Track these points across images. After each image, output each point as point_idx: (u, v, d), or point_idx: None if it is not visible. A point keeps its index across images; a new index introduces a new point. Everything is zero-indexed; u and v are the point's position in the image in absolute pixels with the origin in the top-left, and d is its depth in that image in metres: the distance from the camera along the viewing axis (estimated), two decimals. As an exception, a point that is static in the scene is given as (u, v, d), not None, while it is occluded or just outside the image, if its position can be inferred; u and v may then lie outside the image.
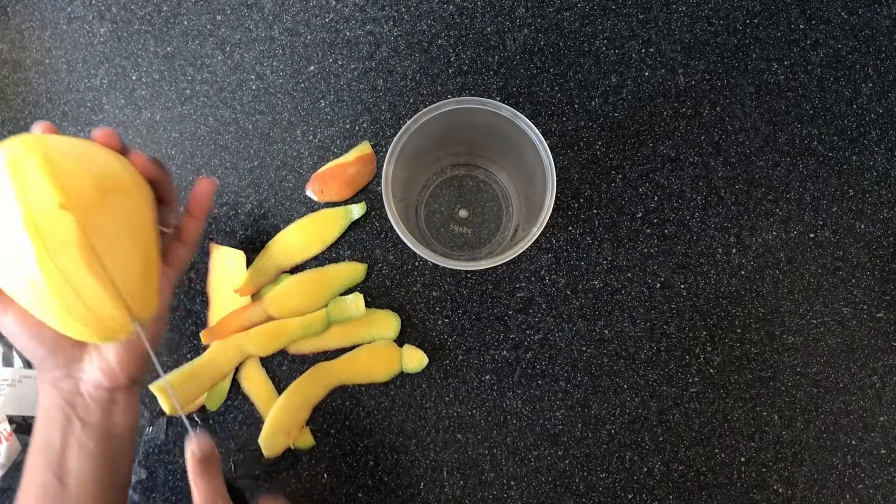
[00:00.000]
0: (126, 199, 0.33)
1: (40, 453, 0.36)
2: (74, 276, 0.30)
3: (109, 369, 0.36)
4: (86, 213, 0.30)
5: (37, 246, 0.29)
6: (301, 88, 0.55)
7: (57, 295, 0.30)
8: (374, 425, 0.51)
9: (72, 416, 0.36)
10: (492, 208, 0.53)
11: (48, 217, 0.29)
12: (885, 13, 0.55)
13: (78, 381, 0.37)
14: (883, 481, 0.49)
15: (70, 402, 0.36)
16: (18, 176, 0.30)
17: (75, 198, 0.30)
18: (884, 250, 0.52)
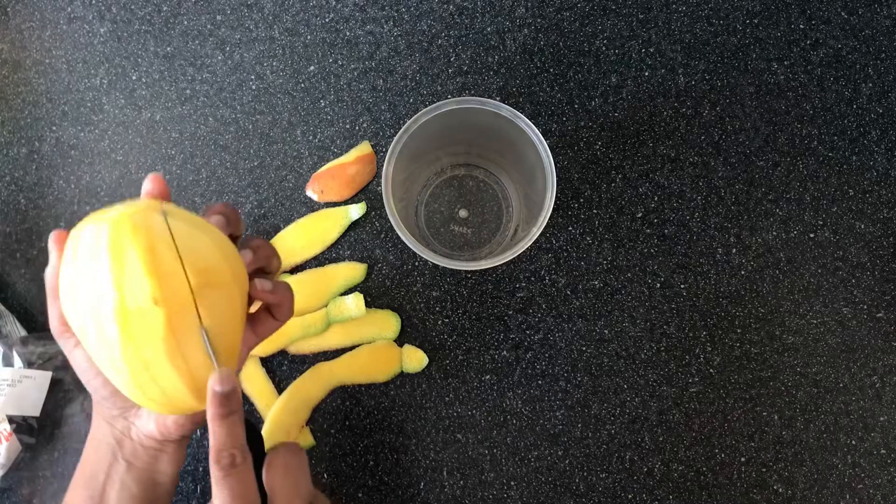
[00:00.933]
0: (222, 294, 0.32)
1: (84, 485, 0.37)
2: (154, 367, 0.30)
3: (164, 426, 0.36)
4: (178, 310, 0.30)
5: (122, 336, 0.29)
6: (301, 88, 0.55)
7: (135, 378, 0.30)
8: (374, 425, 0.51)
9: (118, 455, 0.36)
10: (492, 208, 0.53)
11: (139, 309, 0.29)
12: (885, 13, 0.55)
13: (131, 425, 0.37)
14: (883, 481, 0.49)
15: (119, 441, 0.37)
16: (117, 261, 0.29)
17: (170, 294, 0.30)
18: (884, 250, 0.52)
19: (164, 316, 0.29)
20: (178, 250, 0.31)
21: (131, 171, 0.55)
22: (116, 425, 0.37)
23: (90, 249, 0.30)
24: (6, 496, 0.50)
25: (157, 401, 0.31)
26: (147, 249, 0.30)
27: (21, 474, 0.50)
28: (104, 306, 0.29)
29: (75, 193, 0.55)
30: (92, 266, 0.30)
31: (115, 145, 0.55)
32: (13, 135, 0.56)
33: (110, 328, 0.29)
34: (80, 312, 0.30)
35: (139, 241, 0.30)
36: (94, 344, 0.31)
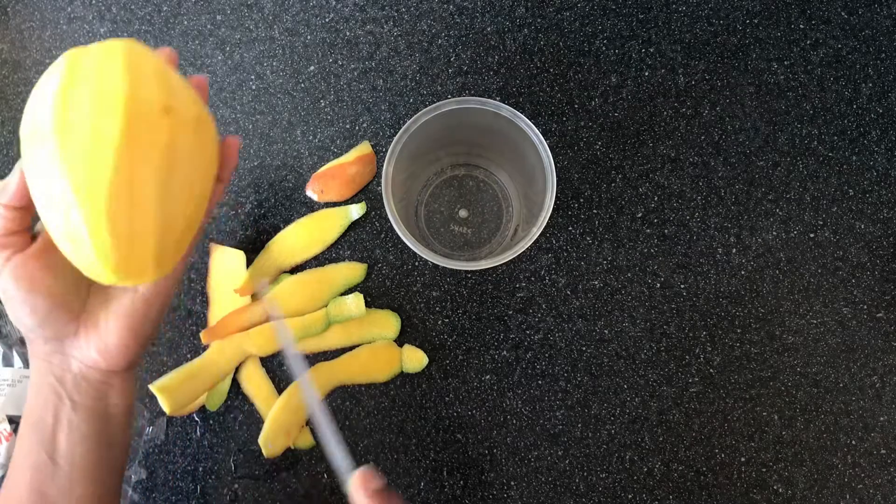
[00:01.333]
0: (207, 133, 0.31)
1: (32, 430, 0.34)
2: (139, 190, 0.27)
3: (107, 351, 0.34)
4: (181, 130, 0.28)
5: (121, 137, 0.27)
6: (301, 88, 0.55)
7: (111, 202, 0.27)
8: (374, 425, 0.51)
9: (62, 395, 0.34)
10: (492, 208, 0.53)
11: (147, 118, 0.27)
12: (885, 13, 0.55)
13: (69, 358, 0.34)
14: (883, 481, 0.49)
15: (60, 379, 0.34)
16: (134, 66, 0.28)
17: (178, 110, 0.28)
18: (884, 250, 0.52)
19: (169, 128, 0.28)
20: (180, 78, 0.30)
21: (131, 171, 0.55)
22: (54, 361, 0.34)
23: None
24: (6, 496, 0.50)
25: (113, 244, 0.28)
26: (162, 65, 0.30)
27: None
28: (107, 106, 0.27)
29: (75, 193, 0.55)
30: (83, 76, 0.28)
31: (115, 145, 0.55)
32: (13, 135, 0.56)
33: (108, 130, 0.27)
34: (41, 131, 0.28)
35: (155, 58, 0.29)
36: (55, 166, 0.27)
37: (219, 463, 0.51)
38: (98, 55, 0.29)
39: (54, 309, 0.33)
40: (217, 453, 0.51)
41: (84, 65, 0.29)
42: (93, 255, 0.28)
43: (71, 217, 0.27)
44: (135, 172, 0.28)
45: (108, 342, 0.34)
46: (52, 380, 0.34)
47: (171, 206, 0.29)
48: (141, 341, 0.35)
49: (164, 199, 0.29)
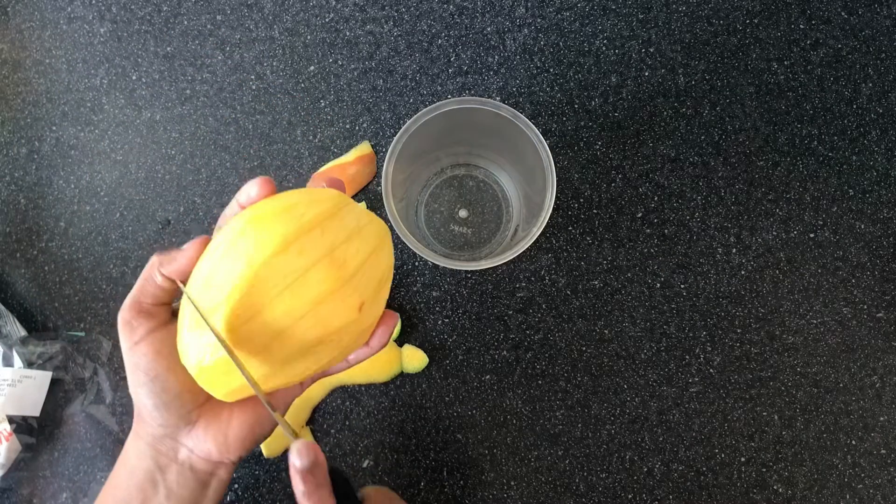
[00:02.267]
0: (369, 328, 0.31)
1: None
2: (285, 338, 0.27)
3: (224, 443, 0.32)
4: (355, 328, 0.29)
5: (318, 296, 0.27)
6: (301, 88, 0.55)
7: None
8: (374, 425, 0.51)
9: (159, 484, 0.32)
10: (492, 208, 0.53)
11: (345, 301, 0.28)
12: (885, 13, 0.55)
13: (180, 446, 0.32)
14: (883, 481, 0.49)
15: (161, 466, 0.32)
16: (382, 252, 0.30)
17: (366, 312, 0.29)
18: (884, 250, 0.52)
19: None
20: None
21: (131, 171, 0.55)
22: (161, 448, 0.32)
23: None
24: (6, 496, 0.50)
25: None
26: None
27: (21, 474, 0.50)
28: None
29: (75, 193, 0.55)
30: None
31: (115, 145, 0.55)
32: (13, 135, 0.56)
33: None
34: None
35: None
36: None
37: (219, 463, 0.51)
38: (367, 222, 0.30)
39: (184, 393, 0.31)
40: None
41: (349, 215, 0.30)
42: (204, 347, 0.28)
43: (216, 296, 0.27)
44: (297, 324, 0.27)
45: (227, 435, 0.32)
46: (150, 465, 0.32)
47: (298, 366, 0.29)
48: (257, 438, 0.33)
49: (297, 357, 0.28)
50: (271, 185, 0.31)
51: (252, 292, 0.26)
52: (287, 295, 0.27)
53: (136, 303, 0.30)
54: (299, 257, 0.27)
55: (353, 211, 0.30)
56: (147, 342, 0.30)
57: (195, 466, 0.32)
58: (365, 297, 0.28)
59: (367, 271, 0.29)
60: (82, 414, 0.51)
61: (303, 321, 0.27)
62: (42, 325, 0.53)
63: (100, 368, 0.51)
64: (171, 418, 0.31)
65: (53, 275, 0.54)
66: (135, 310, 0.30)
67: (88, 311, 0.53)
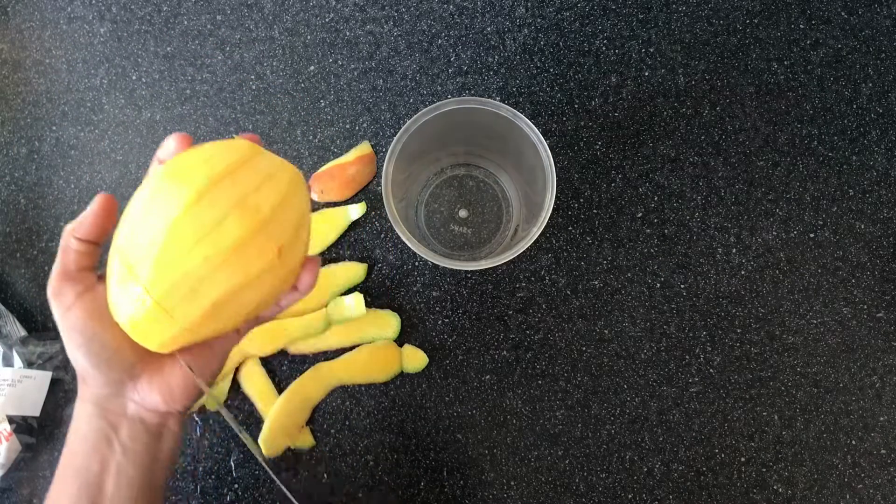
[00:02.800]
0: (294, 265, 0.33)
1: (74, 477, 0.33)
2: (208, 281, 0.29)
3: (169, 393, 0.33)
4: (278, 271, 0.30)
5: (233, 242, 0.28)
6: (301, 88, 0.55)
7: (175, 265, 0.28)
8: (374, 425, 0.51)
9: (113, 441, 0.33)
10: (492, 208, 0.53)
11: (262, 244, 0.29)
12: (885, 13, 0.55)
13: (126, 401, 0.33)
14: (883, 481, 0.49)
15: (114, 425, 0.33)
16: (292, 193, 0.31)
17: (286, 257, 0.30)
18: (884, 250, 0.52)
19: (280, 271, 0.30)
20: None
21: (131, 171, 0.55)
22: (108, 406, 0.33)
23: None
24: (6, 496, 0.50)
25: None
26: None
27: (21, 474, 0.50)
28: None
29: (75, 193, 0.55)
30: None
31: (115, 145, 0.55)
32: (13, 135, 0.56)
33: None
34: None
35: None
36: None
37: (219, 463, 0.51)
38: (277, 168, 0.31)
39: (122, 348, 0.32)
40: (217, 453, 0.51)
41: (255, 165, 0.30)
42: (136, 296, 0.29)
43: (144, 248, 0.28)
44: (219, 270, 0.28)
45: (171, 383, 0.33)
46: (103, 425, 0.33)
47: (225, 311, 0.30)
48: (200, 388, 0.34)
49: (224, 305, 0.29)
50: (188, 139, 0.32)
51: (171, 247, 0.28)
52: (204, 245, 0.28)
53: (61, 272, 0.32)
54: (212, 208, 0.28)
55: (265, 159, 0.31)
56: (78, 305, 0.31)
57: (145, 419, 0.33)
58: (282, 242, 0.30)
59: (282, 216, 0.30)
60: (82, 414, 0.51)
61: (222, 269, 0.28)
62: (42, 325, 0.53)
63: (100, 368, 0.51)
64: (114, 374, 0.32)
65: (53, 275, 0.54)
66: (61, 278, 0.31)
67: (88, 311, 0.53)
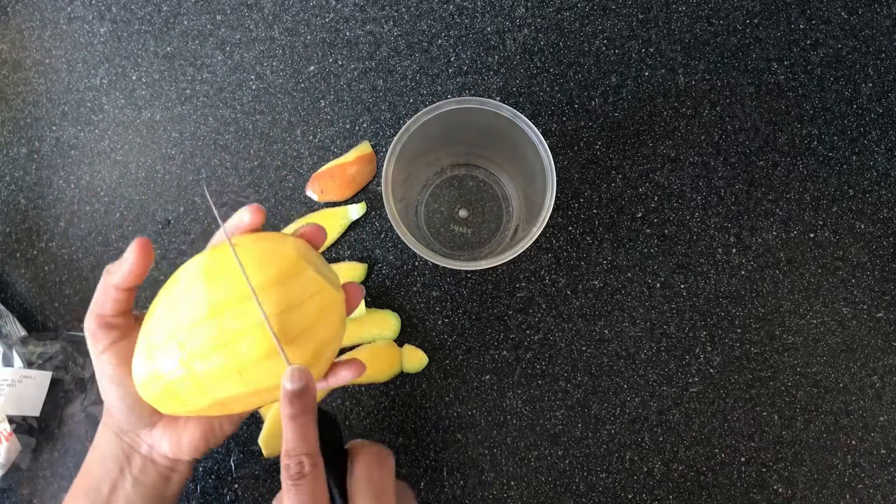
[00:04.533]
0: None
1: (86, 494, 0.36)
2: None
3: (178, 445, 0.36)
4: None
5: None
6: (301, 88, 0.55)
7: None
8: (374, 425, 0.51)
9: (125, 471, 0.35)
10: (492, 208, 0.53)
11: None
12: (886, 13, 0.55)
13: (140, 442, 0.36)
14: (883, 481, 0.49)
15: (128, 455, 0.36)
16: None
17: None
18: (884, 250, 0.52)
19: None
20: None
21: (131, 171, 0.55)
22: (125, 439, 0.36)
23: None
24: (6, 496, 0.50)
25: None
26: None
27: (21, 474, 0.50)
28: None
29: (75, 193, 0.55)
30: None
31: (115, 145, 0.55)
32: (13, 135, 0.56)
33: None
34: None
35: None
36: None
37: (219, 463, 0.51)
38: (314, 293, 0.32)
39: (143, 400, 0.33)
40: (217, 453, 0.51)
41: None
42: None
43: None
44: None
45: (181, 439, 0.35)
46: (118, 453, 0.36)
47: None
48: (210, 445, 0.37)
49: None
50: (262, 214, 0.34)
51: (188, 344, 0.30)
52: (219, 352, 0.30)
53: (98, 315, 0.33)
54: (236, 320, 0.30)
55: (306, 278, 0.32)
56: (111, 352, 0.33)
57: (155, 461, 0.36)
58: (296, 363, 0.30)
59: (304, 341, 0.31)
60: (82, 414, 0.51)
61: (232, 378, 0.30)
62: (42, 325, 0.53)
63: (100, 368, 0.51)
64: (133, 419, 0.34)
65: (53, 275, 0.54)
66: (97, 322, 0.33)
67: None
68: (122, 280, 0.32)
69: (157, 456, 0.36)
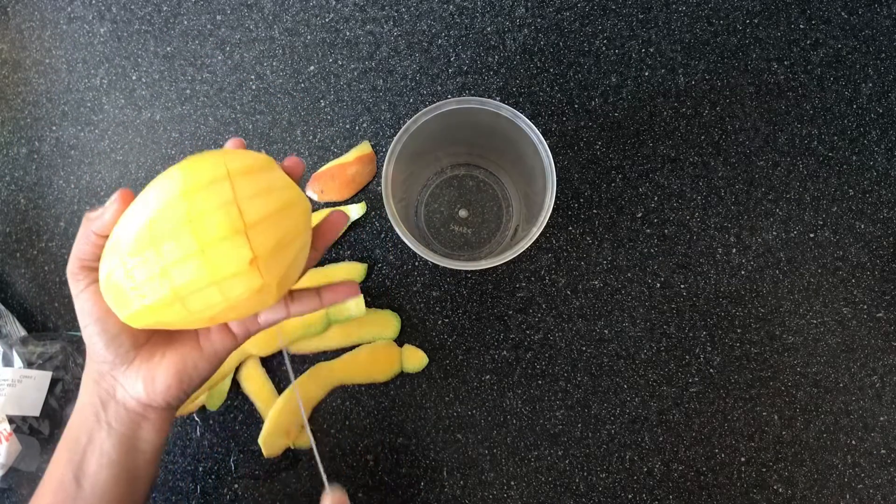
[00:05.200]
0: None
1: (66, 447, 0.36)
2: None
3: (151, 385, 0.35)
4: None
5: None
6: (301, 88, 0.55)
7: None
8: (374, 425, 0.51)
9: (101, 418, 0.35)
10: (492, 208, 0.53)
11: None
12: (885, 13, 0.55)
13: (117, 384, 0.36)
14: (883, 481, 0.49)
15: (104, 401, 0.35)
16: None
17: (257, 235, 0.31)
18: (884, 250, 0.52)
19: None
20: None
21: (131, 171, 0.55)
22: (102, 384, 0.35)
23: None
24: (6, 496, 0.50)
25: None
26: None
27: (21, 474, 0.50)
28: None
29: (75, 193, 0.55)
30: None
31: (115, 145, 0.55)
32: (13, 135, 0.56)
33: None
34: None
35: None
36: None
37: (219, 463, 0.51)
38: (281, 187, 0.32)
39: (123, 333, 0.34)
40: (217, 453, 0.51)
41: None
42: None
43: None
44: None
45: (155, 377, 0.35)
46: (95, 400, 0.36)
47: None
48: (184, 388, 0.36)
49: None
50: (241, 143, 0.35)
51: (154, 226, 0.30)
52: (182, 232, 0.29)
53: (79, 258, 0.34)
54: (204, 201, 0.30)
55: (274, 175, 0.32)
56: (90, 290, 0.34)
57: (128, 405, 0.36)
58: (260, 253, 0.30)
59: (267, 229, 0.31)
60: (82, 414, 0.51)
61: (191, 260, 0.30)
62: (42, 325, 0.53)
63: (100, 368, 0.51)
64: (111, 355, 0.34)
65: (53, 275, 0.54)
66: (78, 264, 0.34)
67: (88, 311, 0.53)
68: (101, 227, 0.33)
69: (130, 400, 0.35)
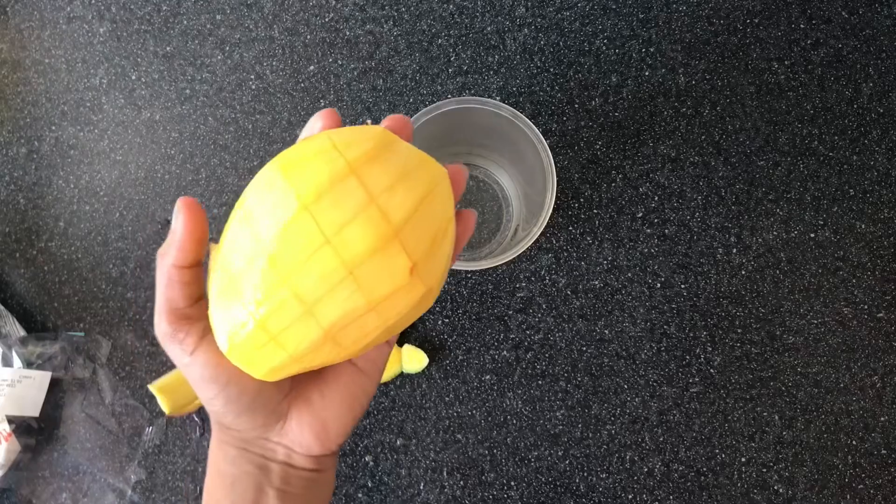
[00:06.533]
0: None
1: None
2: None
3: (324, 431, 0.28)
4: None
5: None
6: (301, 88, 0.55)
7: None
8: (374, 425, 0.51)
9: (265, 487, 0.28)
10: (492, 208, 0.53)
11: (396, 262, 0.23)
12: (886, 13, 0.55)
13: (275, 446, 0.28)
14: (883, 481, 0.49)
15: (263, 469, 0.28)
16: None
17: (421, 273, 0.24)
18: (884, 250, 0.52)
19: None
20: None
21: (131, 171, 0.55)
22: (254, 450, 0.28)
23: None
24: (6, 496, 0.50)
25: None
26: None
27: (21, 474, 0.50)
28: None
29: (75, 193, 0.55)
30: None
31: (115, 145, 0.55)
32: (13, 135, 0.56)
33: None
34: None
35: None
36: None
37: (219, 463, 0.51)
38: (416, 165, 0.25)
39: (265, 388, 0.27)
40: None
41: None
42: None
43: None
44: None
45: (326, 422, 0.28)
46: (251, 470, 0.28)
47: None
48: (356, 418, 0.29)
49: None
50: (337, 118, 0.27)
51: (280, 258, 0.22)
52: (321, 257, 0.22)
53: (171, 311, 0.26)
54: (332, 211, 0.22)
55: (401, 152, 0.25)
56: (202, 349, 0.26)
57: (297, 464, 0.29)
58: (417, 257, 0.23)
59: (418, 225, 0.24)
60: (82, 414, 0.51)
61: (341, 288, 0.23)
62: (42, 325, 0.53)
63: (99, 369, 0.51)
64: (258, 419, 0.27)
65: (53, 275, 0.54)
66: (172, 318, 0.26)
67: (88, 311, 0.53)
68: (180, 256, 0.25)
69: (299, 457, 0.29)
